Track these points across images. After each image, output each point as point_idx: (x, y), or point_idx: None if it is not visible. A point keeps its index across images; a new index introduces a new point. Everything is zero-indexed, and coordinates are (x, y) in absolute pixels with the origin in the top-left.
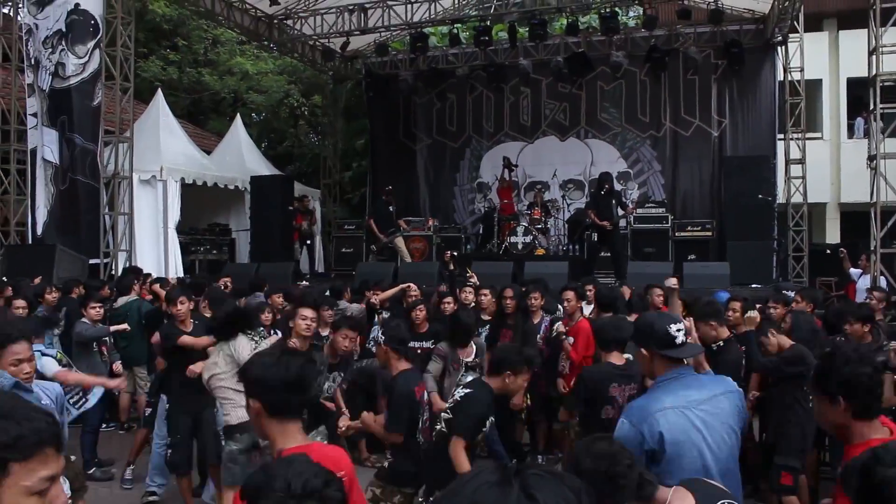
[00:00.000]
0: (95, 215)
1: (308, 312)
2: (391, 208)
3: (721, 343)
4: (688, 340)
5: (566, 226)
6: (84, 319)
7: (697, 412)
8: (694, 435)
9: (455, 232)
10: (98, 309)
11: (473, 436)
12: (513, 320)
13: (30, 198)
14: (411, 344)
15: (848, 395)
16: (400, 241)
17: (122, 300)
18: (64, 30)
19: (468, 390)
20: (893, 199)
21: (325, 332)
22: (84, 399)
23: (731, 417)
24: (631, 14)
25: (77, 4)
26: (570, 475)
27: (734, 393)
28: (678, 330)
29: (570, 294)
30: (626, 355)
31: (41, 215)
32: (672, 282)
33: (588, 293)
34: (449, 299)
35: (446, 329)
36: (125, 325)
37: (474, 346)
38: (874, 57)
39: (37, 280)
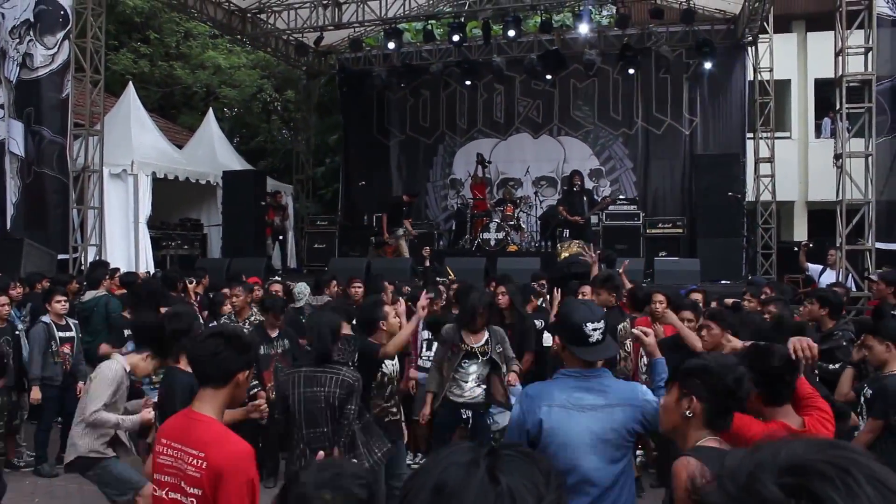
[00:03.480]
0: (64, 209)
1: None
2: (404, 209)
3: None
4: (604, 340)
5: (538, 222)
6: (45, 317)
7: (585, 416)
8: (575, 438)
9: (428, 228)
10: (63, 303)
11: None
12: (510, 318)
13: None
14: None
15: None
16: (402, 241)
17: (89, 294)
18: (32, 20)
19: None
20: (859, 197)
21: None
22: None
23: (623, 427)
24: (604, 13)
25: None
26: (543, 457)
27: (636, 407)
28: (594, 329)
29: (661, 297)
30: None
31: (9, 210)
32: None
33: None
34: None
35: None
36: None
37: (487, 333)
38: (840, 58)
39: None
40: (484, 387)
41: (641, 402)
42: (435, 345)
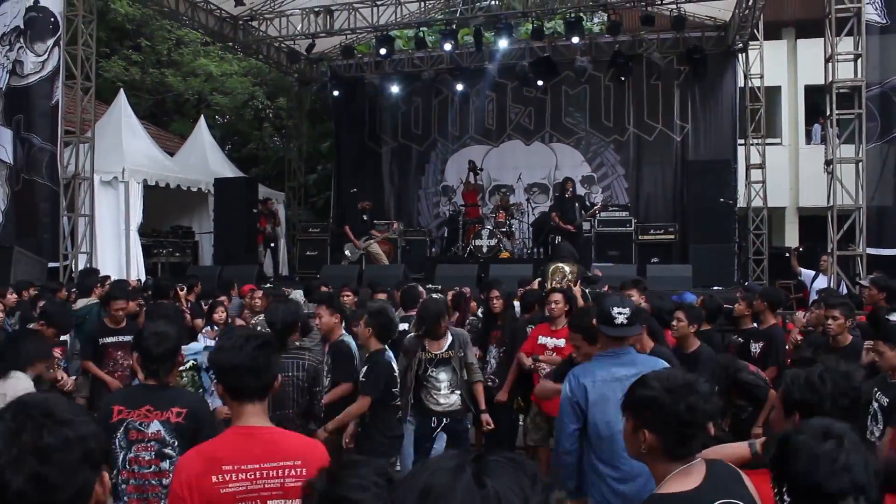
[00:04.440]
0: (55, 217)
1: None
2: (365, 217)
3: None
4: (629, 324)
5: (530, 229)
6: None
7: (620, 386)
8: (613, 406)
9: (420, 235)
10: None
11: None
12: (502, 320)
13: None
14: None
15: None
16: (375, 247)
17: (80, 302)
18: (22, 27)
19: None
20: (850, 203)
21: None
22: None
23: None
24: (595, 20)
25: (36, 1)
26: (530, 462)
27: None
28: (619, 312)
29: (557, 297)
30: None
31: None
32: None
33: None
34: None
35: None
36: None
37: (450, 337)
38: (830, 65)
39: None
40: (458, 392)
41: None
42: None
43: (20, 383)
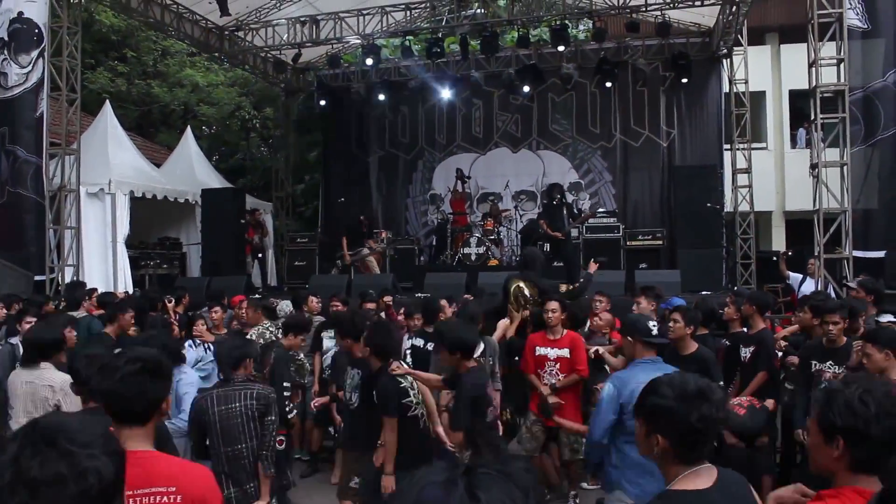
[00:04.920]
0: (41, 230)
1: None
2: (364, 229)
3: None
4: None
5: (518, 236)
6: (13, 338)
7: None
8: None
9: (408, 244)
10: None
11: None
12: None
13: None
14: None
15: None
16: (370, 257)
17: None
18: (6, 38)
19: None
20: (835, 207)
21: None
22: None
23: None
24: (581, 27)
25: (21, 13)
26: (522, 474)
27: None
28: (653, 326)
29: (554, 305)
30: None
31: None
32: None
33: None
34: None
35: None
36: None
37: (481, 345)
38: (814, 69)
39: None
40: None
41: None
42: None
43: (52, 374)
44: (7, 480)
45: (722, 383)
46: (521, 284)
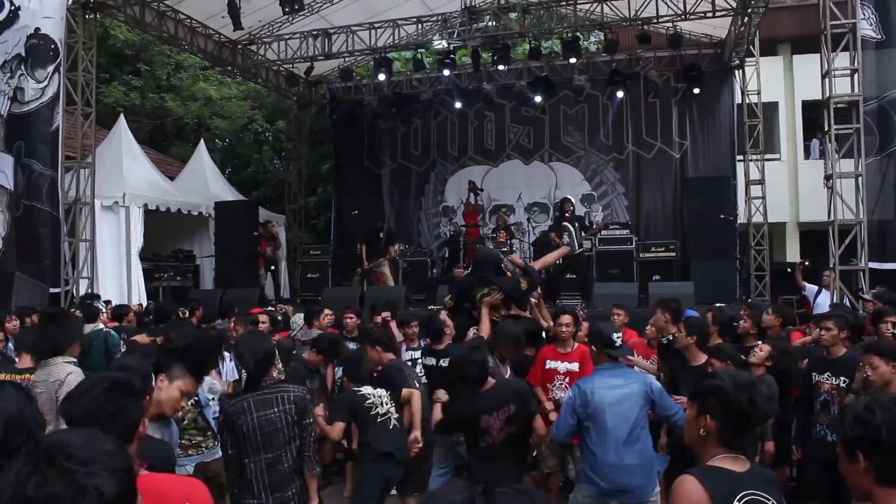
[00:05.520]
0: (56, 242)
1: None
2: (381, 235)
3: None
4: (623, 345)
5: (531, 248)
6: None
7: (615, 393)
8: (608, 407)
9: (421, 256)
10: None
11: None
12: None
13: None
14: None
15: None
16: (385, 268)
17: (87, 328)
18: (23, 54)
19: None
20: (850, 218)
21: None
22: None
23: (639, 398)
24: (592, 39)
25: (38, 29)
26: (539, 494)
27: (643, 383)
28: (618, 337)
29: (567, 319)
30: None
31: None
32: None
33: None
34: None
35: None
36: None
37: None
38: (827, 80)
39: None
40: None
41: (647, 381)
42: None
43: (62, 368)
44: (4, 501)
45: None
46: (487, 290)
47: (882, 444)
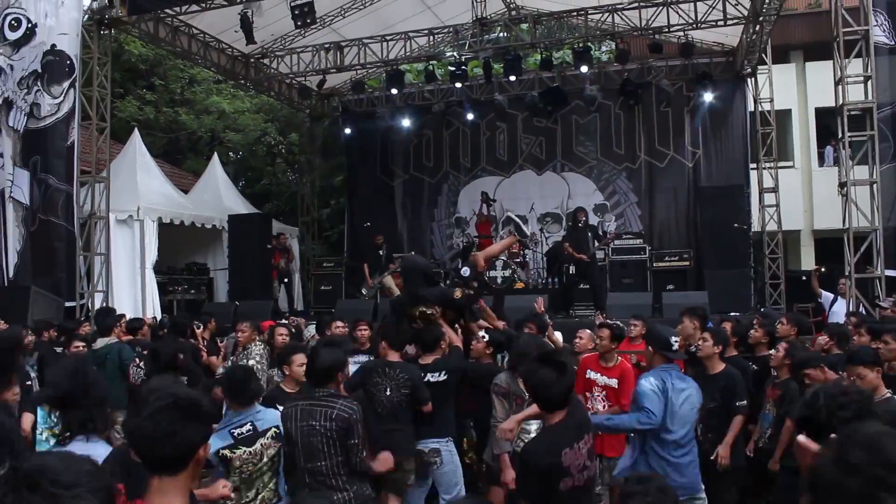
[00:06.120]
0: (71, 256)
1: None
2: (381, 252)
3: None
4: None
5: (545, 259)
6: None
7: (680, 395)
8: (677, 408)
9: (434, 267)
10: (81, 348)
11: None
12: None
13: (2, 240)
14: None
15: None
16: (389, 280)
17: (101, 342)
18: (40, 70)
19: None
20: (865, 225)
21: None
22: None
23: (696, 402)
24: (603, 49)
25: (54, 45)
26: None
27: (698, 389)
28: (675, 340)
29: (605, 332)
30: None
31: (12, 257)
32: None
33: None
34: None
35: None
36: None
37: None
38: (840, 87)
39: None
40: None
41: (699, 388)
42: None
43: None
44: None
45: (745, 402)
46: (422, 308)
47: (819, 425)
